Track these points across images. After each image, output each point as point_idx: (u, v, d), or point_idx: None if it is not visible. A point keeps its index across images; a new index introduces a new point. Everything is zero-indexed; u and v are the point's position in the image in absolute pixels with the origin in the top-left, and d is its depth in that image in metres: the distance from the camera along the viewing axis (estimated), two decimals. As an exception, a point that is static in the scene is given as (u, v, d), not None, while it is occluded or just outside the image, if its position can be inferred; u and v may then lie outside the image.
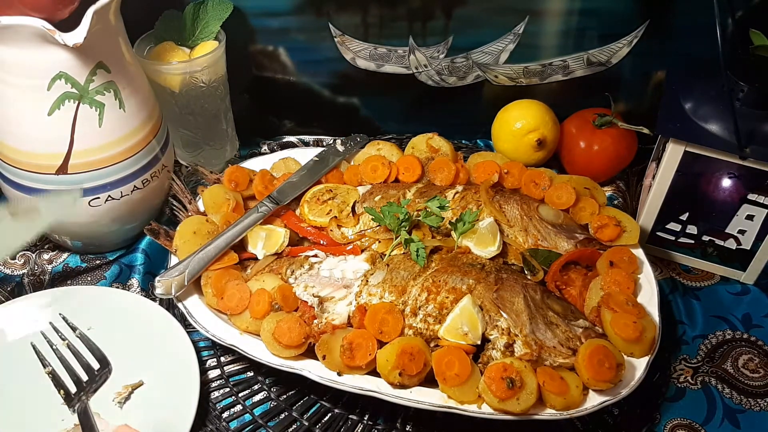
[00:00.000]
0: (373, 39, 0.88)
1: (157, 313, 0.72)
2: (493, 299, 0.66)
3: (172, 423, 0.62)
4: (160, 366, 0.68)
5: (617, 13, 0.85)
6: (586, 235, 0.74)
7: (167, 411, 0.63)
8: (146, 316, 0.72)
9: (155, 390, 0.66)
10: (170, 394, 0.65)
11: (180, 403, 0.63)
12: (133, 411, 0.65)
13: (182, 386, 0.65)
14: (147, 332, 0.70)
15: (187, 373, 0.66)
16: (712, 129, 0.69)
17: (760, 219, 0.72)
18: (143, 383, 0.67)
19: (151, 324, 0.71)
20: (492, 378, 0.59)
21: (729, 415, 0.66)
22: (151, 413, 0.64)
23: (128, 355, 0.69)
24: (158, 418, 0.63)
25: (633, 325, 0.63)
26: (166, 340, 0.69)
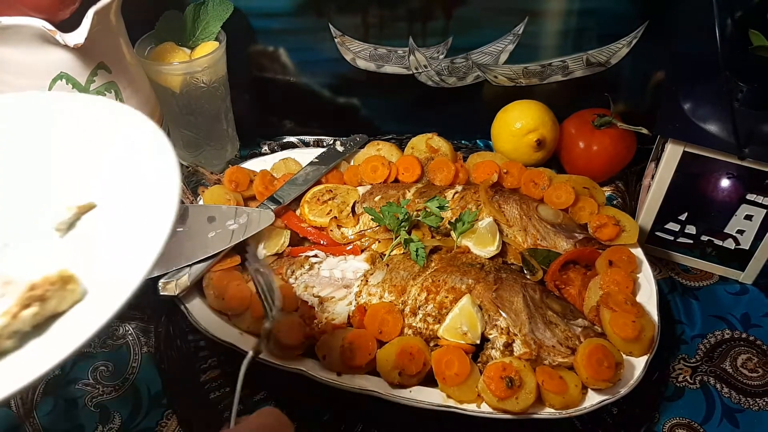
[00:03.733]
0: (373, 39, 0.88)
1: (127, 119, 0.47)
2: (493, 299, 0.66)
3: (124, 265, 0.38)
4: (123, 185, 0.44)
5: (617, 14, 0.85)
6: (586, 235, 0.74)
7: (123, 248, 0.40)
8: (109, 121, 0.48)
9: (111, 218, 0.43)
10: (131, 224, 0.41)
11: (141, 242, 0.39)
12: (77, 244, 0.43)
13: (149, 217, 0.41)
14: (107, 141, 0.47)
15: (161, 201, 0.41)
16: (711, 129, 0.69)
17: (758, 219, 0.72)
18: (95, 206, 0.44)
19: (117, 132, 0.47)
20: (491, 377, 0.59)
21: (728, 415, 0.66)
22: (102, 249, 0.41)
23: (74, 168, 0.46)
24: (109, 256, 0.40)
25: (632, 324, 0.63)
26: (136, 154, 0.45)
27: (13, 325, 0.33)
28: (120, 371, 0.71)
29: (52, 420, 0.66)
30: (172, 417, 0.67)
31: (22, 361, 0.33)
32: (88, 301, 0.36)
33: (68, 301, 0.35)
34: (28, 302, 0.34)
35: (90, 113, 0.47)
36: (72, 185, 0.43)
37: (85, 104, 0.47)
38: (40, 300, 0.34)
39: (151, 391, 0.69)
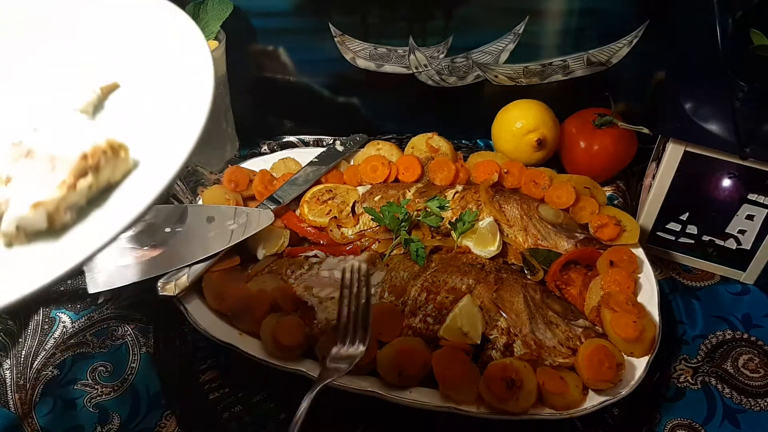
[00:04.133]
0: (373, 39, 0.88)
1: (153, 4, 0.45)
2: (493, 299, 0.66)
3: (170, 136, 0.37)
4: (151, 66, 0.43)
5: (617, 13, 0.85)
6: (586, 235, 0.74)
7: (166, 122, 0.39)
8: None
9: (141, 97, 0.42)
10: (165, 103, 0.40)
11: (180, 118, 0.39)
12: (110, 124, 0.41)
13: (185, 94, 0.40)
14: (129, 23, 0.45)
15: (196, 76, 0.41)
16: (712, 129, 0.69)
17: (760, 219, 0.72)
18: (119, 86, 0.42)
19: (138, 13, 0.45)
20: (492, 378, 0.59)
21: (729, 415, 0.66)
22: (140, 125, 0.40)
23: (98, 52, 0.44)
24: (150, 130, 0.39)
25: (633, 324, 0.63)
26: (156, 31, 0.44)
27: (71, 197, 0.32)
28: (119, 372, 0.70)
29: (51, 420, 0.66)
30: (171, 417, 0.66)
31: (85, 234, 0.31)
32: (141, 170, 0.35)
33: (121, 170, 0.34)
34: (83, 172, 0.32)
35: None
36: (96, 69, 0.41)
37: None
38: (94, 169, 0.33)
39: (150, 392, 0.69)
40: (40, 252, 0.31)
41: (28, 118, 0.38)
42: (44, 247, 0.31)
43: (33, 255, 0.31)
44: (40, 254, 0.31)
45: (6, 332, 0.74)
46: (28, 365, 0.71)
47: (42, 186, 0.32)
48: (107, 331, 0.74)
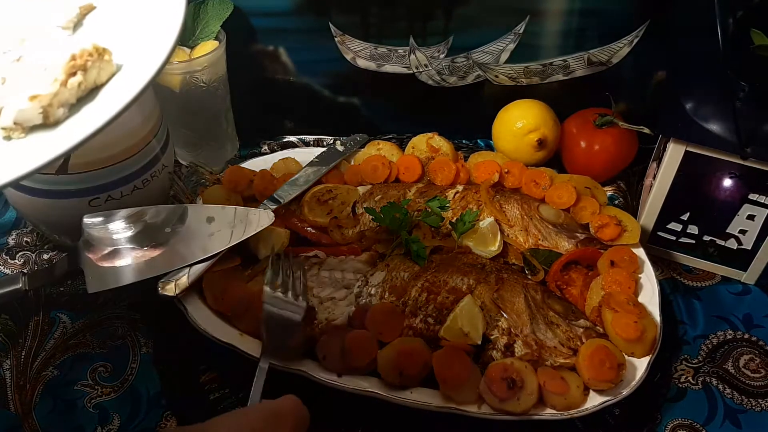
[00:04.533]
0: (373, 39, 0.88)
1: None
2: (494, 299, 0.66)
3: (150, 41, 0.40)
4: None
5: (617, 13, 0.85)
6: (587, 235, 0.74)
7: (144, 30, 0.42)
8: None
9: (117, 16, 0.45)
10: (140, 18, 0.43)
11: (156, 27, 0.41)
12: (91, 36, 0.44)
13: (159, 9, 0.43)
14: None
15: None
16: (713, 129, 0.69)
17: (761, 219, 0.72)
18: (95, 7, 0.46)
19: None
20: (492, 378, 0.59)
21: (730, 416, 0.66)
22: (120, 35, 0.43)
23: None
24: (130, 39, 0.42)
25: (634, 325, 0.63)
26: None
27: (63, 93, 0.35)
28: (119, 372, 0.70)
29: (51, 421, 0.66)
30: (172, 418, 0.66)
31: (76, 124, 0.35)
32: (125, 71, 0.38)
33: (106, 72, 0.38)
34: (73, 71, 0.36)
35: None
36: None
37: None
38: (83, 69, 0.36)
39: (150, 392, 0.69)
40: (36, 141, 0.35)
41: (13, 32, 0.42)
42: (40, 137, 0.35)
43: (29, 144, 0.35)
44: (36, 143, 0.35)
45: (6, 332, 0.73)
46: (28, 365, 0.71)
47: (36, 83, 0.35)
48: (107, 332, 0.74)
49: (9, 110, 0.35)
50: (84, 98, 0.37)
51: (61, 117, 0.35)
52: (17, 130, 0.35)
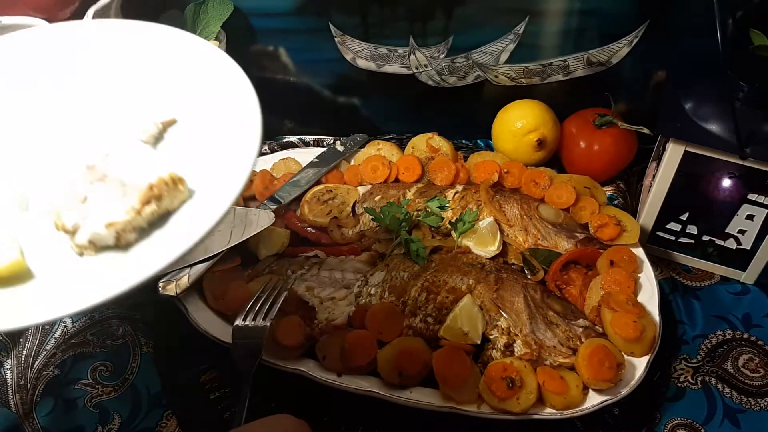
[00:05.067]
0: (373, 39, 0.88)
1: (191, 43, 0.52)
2: (493, 299, 0.66)
3: (225, 169, 0.41)
4: (201, 104, 0.48)
5: (617, 13, 0.85)
6: (587, 235, 0.74)
7: (220, 155, 0.43)
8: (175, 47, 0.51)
9: (195, 132, 0.47)
10: (219, 136, 0.45)
11: (234, 149, 0.43)
12: (169, 154, 0.46)
13: (235, 125, 0.45)
14: (175, 63, 0.51)
15: (244, 114, 0.45)
16: (712, 129, 0.69)
17: (760, 219, 0.72)
18: (176, 121, 0.47)
19: (184, 55, 0.51)
20: (492, 378, 0.59)
21: (729, 415, 0.66)
22: (197, 157, 0.44)
23: (152, 90, 0.49)
24: (206, 163, 0.43)
25: (633, 324, 0.63)
26: (206, 74, 0.50)
27: (137, 220, 0.38)
28: (119, 371, 0.70)
29: (52, 420, 0.66)
30: (172, 417, 0.66)
31: (149, 252, 0.37)
32: (197, 200, 0.40)
33: (178, 200, 0.40)
34: (148, 200, 0.38)
35: (159, 40, 0.51)
36: (152, 104, 0.47)
37: (158, 33, 0.51)
38: (157, 198, 0.38)
39: (150, 392, 0.69)
40: (108, 264, 0.37)
41: (98, 144, 0.44)
42: (110, 257, 0.37)
43: (101, 266, 0.37)
44: (108, 266, 0.37)
45: (6, 332, 0.74)
46: (29, 365, 0.71)
47: (113, 208, 0.38)
48: (107, 331, 0.74)
49: (86, 230, 0.37)
50: (155, 222, 0.39)
51: (132, 241, 0.37)
52: (90, 249, 0.37)
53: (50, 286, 0.36)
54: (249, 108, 0.45)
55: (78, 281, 0.36)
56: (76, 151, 0.44)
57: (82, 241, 0.37)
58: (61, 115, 0.47)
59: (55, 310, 0.33)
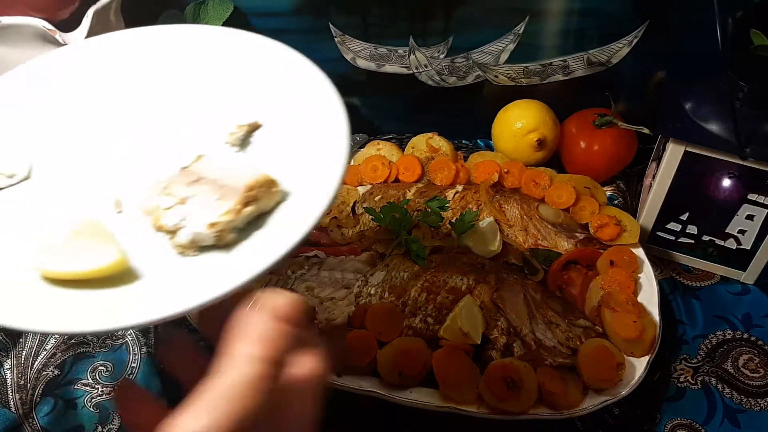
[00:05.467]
0: (373, 39, 0.88)
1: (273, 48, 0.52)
2: (493, 299, 0.66)
3: (317, 171, 0.42)
4: (284, 105, 0.48)
5: (617, 13, 0.85)
6: (587, 235, 0.74)
7: (307, 158, 0.44)
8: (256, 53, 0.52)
9: (283, 134, 0.46)
10: (305, 138, 0.45)
11: (323, 150, 0.43)
12: (259, 157, 0.45)
13: (321, 127, 0.45)
14: (257, 68, 0.51)
15: (330, 117, 0.46)
16: (712, 129, 0.69)
17: (760, 219, 0.72)
18: (261, 125, 0.47)
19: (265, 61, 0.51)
20: (492, 378, 0.59)
21: (729, 415, 0.66)
22: (286, 160, 0.44)
23: (231, 92, 0.49)
24: (296, 165, 0.43)
25: (633, 324, 0.63)
26: (289, 78, 0.50)
27: (236, 220, 0.38)
28: (119, 371, 0.70)
29: (52, 420, 0.66)
30: (172, 417, 0.66)
31: (252, 251, 0.38)
32: (293, 201, 0.41)
33: (273, 200, 0.41)
34: (247, 201, 0.39)
35: (241, 45, 0.51)
36: (236, 108, 0.48)
37: (243, 39, 0.51)
38: (254, 199, 0.39)
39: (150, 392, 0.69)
40: (212, 263, 0.38)
41: (188, 146, 0.45)
42: (214, 258, 0.38)
43: (206, 265, 0.38)
44: (212, 265, 0.37)
45: (6, 332, 0.74)
46: (29, 365, 0.71)
47: (213, 209, 0.39)
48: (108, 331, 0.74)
49: (187, 231, 0.38)
50: (251, 223, 0.40)
51: (231, 240, 0.38)
52: (191, 249, 0.38)
53: (156, 285, 0.37)
54: (334, 110, 0.46)
55: (184, 280, 0.37)
56: (168, 153, 0.45)
57: (184, 241, 0.38)
58: (150, 118, 0.48)
59: (164, 308, 0.33)
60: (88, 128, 0.47)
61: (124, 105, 0.49)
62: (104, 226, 0.39)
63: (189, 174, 0.42)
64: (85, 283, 0.36)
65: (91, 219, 0.39)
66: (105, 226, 0.39)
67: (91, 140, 0.47)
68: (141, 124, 0.48)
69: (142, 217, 0.41)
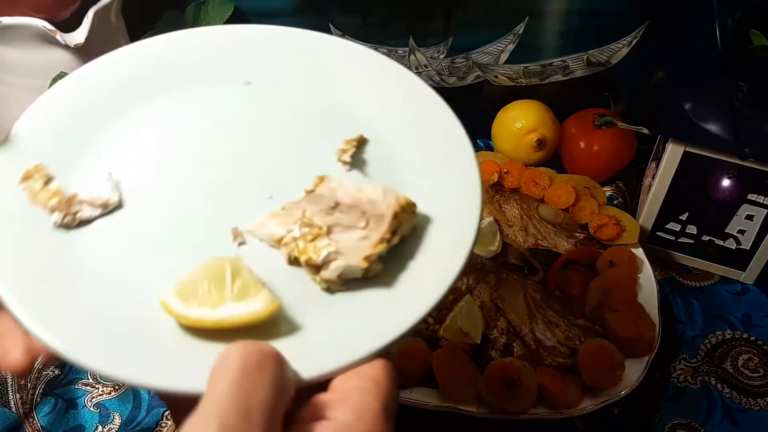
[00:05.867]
0: (373, 39, 0.88)
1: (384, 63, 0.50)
2: (493, 299, 0.66)
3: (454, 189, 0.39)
4: (392, 119, 0.43)
5: (617, 13, 0.85)
6: (586, 235, 0.74)
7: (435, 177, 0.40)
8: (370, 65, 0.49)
9: (392, 150, 0.42)
10: (423, 156, 0.41)
11: (449, 168, 0.40)
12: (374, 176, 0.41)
13: (439, 145, 0.41)
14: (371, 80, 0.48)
15: (446, 131, 0.42)
16: (711, 129, 0.69)
17: (759, 219, 0.72)
18: (367, 140, 0.42)
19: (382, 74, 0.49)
20: (492, 377, 0.59)
21: (729, 415, 0.66)
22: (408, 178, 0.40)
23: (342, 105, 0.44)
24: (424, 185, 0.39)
25: (633, 324, 0.63)
26: (394, 90, 0.46)
27: (383, 249, 0.34)
28: (120, 371, 0.70)
29: (52, 420, 0.66)
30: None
31: (418, 282, 0.34)
32: (435, 225, 0.37)
33: (411, 225, 0.37)
34: (395, 228, 0.35)
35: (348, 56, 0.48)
36: (338, 122, 0.42)
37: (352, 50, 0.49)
38: (400, 225, 0.35)
39: (151, 391, 0.69)
40: (374, 301, 0.33)
41: (298, 166, 0.40)
42: (375, 296, 0.34)
43: (367, 303, 0.33)
44: (374, 303, 0.33)
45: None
46: (29, 365, 0.71)
47: (362, 238, 0.35)
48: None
49: (338, 264, 0.34)
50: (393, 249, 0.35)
51: (376, 272, 0.34)
52: (337, 283, 0.34)
53: (321, 330, 0.32)
54: (449, 122, 0.42)
55: (352, 322, 0.32)
56: (276, 173, 0.39)
57: (332, 276, 0.34)
58: (247, 133, 0.41)
59: (340, 357, 0.30)
60: (179, 143, 0.40)
61: (215, 117, 0.42)
62: (243, 264, 0.33)
63: (321, 199, 0.37)
64: (231, 333, 0.30)
65: (225, 257, 0.33)
66: (244, 264, 0.33)
67: (184, 158, 0.40)
68: (238, 139, 0.41)
69: (269, 249, 0.35)
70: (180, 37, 0.44)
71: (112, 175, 0.38)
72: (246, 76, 0.43)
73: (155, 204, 0.37)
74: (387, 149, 0.41)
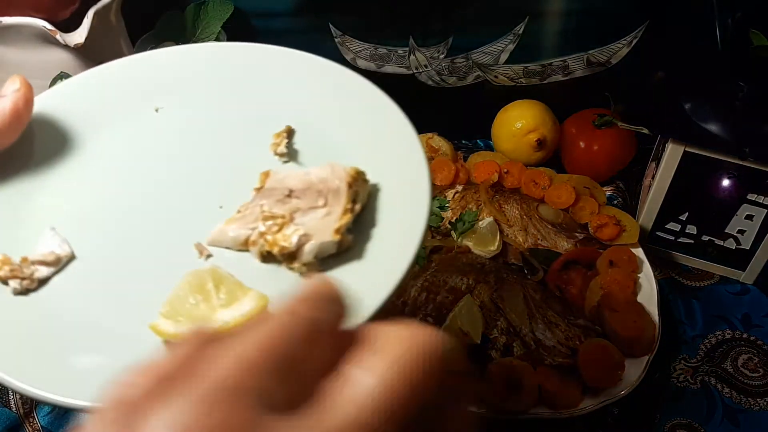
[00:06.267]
0: (373, 39, 0.88)
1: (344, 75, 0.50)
2: (493, 299, 0.66)
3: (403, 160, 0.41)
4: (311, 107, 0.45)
5: (617, 13, 0.85)
6: (586, 235, 0.74)
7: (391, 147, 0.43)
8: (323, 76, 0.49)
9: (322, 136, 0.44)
10: (351, 136, 0.44)
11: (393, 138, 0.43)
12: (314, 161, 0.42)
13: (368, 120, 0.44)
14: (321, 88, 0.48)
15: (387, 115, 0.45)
16: (711, 129, 0.69)
17: (759, 219, 0.72)
18: (295, 131, 0.44)
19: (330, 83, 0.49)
20: (491, 378, 0.59)
21: (729, 415, 0.66)
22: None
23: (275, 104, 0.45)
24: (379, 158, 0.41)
25: (633, 324, 0.63)
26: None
27: (349, 219, 0.35)
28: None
29: (53, 420, 0.66)
30: (172, 417, 0.66)
31: (386, 248, 0.35)
32: (387, 193, 0.38)
33: (366, 194, 0.37)
34: (354, 197, 0.36)
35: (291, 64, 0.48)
36: (262, 119, 0.43)
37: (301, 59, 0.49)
38: (357, 195, 0.36)
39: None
40: (349, 276, 0.33)
41: (245, 165, 0.40)
42: (348, 271, 0.34)
43: (343, 277, 0.33)
44: (353, 274, 0.34)
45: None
46: (29, 365, 0.71)
47: (327, 214, 0.35)
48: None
49: (311, 245, 0.34)
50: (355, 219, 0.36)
51: (348, 243, 0.35)
52: (314, 265, 0.34)
53: None
54: (374, 95, 0.45)
55: None
56: (218, 180, 0.40)
57: (309, 258, 0.33)
58: (180, 147, 0.42)
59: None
60: (113, 181, 0.40)
61: (141, 148, 0.42)
62: (222, 271, 0.33)
63: (273, 192, 0.37)
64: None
65: (201, 269, 0.34)
66: (223, 271, 0.33)
67: (124, 193, 0.39)
68: (171, 162, 0.41)
69: (238, 254, 0.36)
70: (87, 78, 0.45)
71: (56, 228, 0.37)
72: (157, 102, 0.44)
73: (109, 245, 0.37)
74: (318, 134, 0.43)
